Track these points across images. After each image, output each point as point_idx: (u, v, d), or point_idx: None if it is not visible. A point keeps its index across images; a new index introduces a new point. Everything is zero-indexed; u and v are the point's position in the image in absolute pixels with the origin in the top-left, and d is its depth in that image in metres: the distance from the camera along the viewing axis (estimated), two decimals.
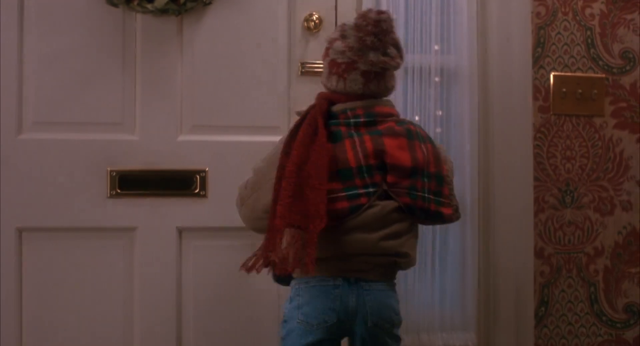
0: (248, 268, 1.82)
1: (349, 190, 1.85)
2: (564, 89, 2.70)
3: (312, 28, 2.44)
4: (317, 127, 1.87)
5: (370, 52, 1.89)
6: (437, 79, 2.56)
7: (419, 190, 1.89)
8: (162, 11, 2.31)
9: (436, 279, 2.58)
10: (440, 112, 2.56)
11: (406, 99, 2.53)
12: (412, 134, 1.93)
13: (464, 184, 2.57)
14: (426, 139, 1.96)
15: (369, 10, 1.94)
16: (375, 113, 1.92)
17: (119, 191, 2.34)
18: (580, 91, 2.72)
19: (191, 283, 2.41)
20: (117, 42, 2.36)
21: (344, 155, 1.86)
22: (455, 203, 1.99)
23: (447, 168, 1.97)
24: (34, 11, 2.33)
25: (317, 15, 2.43)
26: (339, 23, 2.38)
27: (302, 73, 2.41)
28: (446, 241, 2.59)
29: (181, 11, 2.33)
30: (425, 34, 2.57)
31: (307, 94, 2.21)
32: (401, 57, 1.95)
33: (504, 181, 2.62)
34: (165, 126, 2.37)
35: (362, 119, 1.91)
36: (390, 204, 1.88)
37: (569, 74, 2.71)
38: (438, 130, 2.58)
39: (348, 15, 2.37)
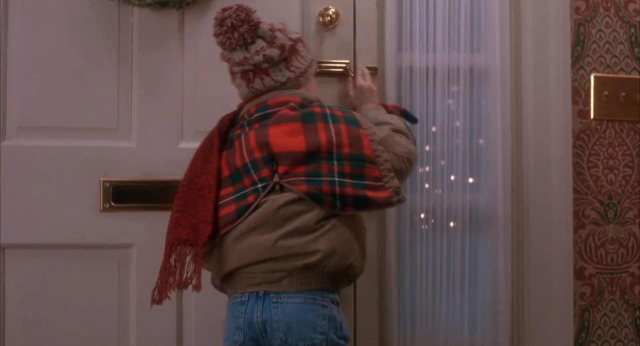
0: (156, 301, 1.83)
1: (238, 192, 1.81)
2: (606, 92, 2.56)
3: (327, 24, 2.31)
4: (213, 137, 1.89)
5: (234, 53, 1.90)
6: (465, 80, 2.43)
7: (325, 175, 1.78)
8: (162, 4, 2.21)
9: (465, 302, 2.44)
10: (468, 116, 2.43)
11: (430, 101, 2.40)
12: (314, 117, 1.85)
13: (495, 197, 2.44)
14: (340, 120, 1.85)
15: (218, 11, 1.91)
16: (268, 106, 1.89)
17: (112, 204, 2.22)
18: (623, 93, 2.58)
19: (193, 305, 2.27)
20: (112, 38, 2.24)
21: (233, 158, 1.85)
22: (393, 184, 1.82)
23: (390, 149, 1.86)
24: (20, 4, 2.22)
25: (333, 10, 2.31)
26: (358, 18, 2.30)
27: (317, 73, 2.20)
28: (476, 262, 2.45)
29: (182, 4, 2.22)
30: (452, 30, 2.42)
31: (323, 96, 2.10)
32: (273, 45, 1.89)
33: (539, 194, 2.48)
34: (165, 131, 2.25)
35: (254, 115, 1.89)
36: (283, 196, 1.78)
37: (611, 75, 2.57)
38: (460, 138, 2.44)
39: (368, 10, 2.33)
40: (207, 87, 2.27)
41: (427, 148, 2.38)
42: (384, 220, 2.37)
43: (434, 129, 2.39)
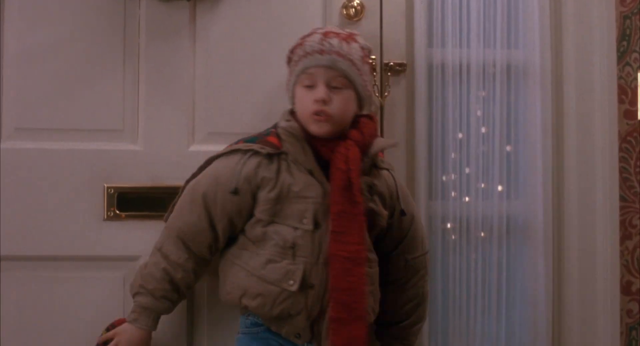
0: None
1: None
2: None
3: (352, 16, 2.18)
4: None
5: None
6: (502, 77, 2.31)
7: None
8: None
9: (502, 319, 2.32)
10: (505, 117, 2.31)
11: (464, 100, 2.29)
12: None
13: (534, 205, 2.32)
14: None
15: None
16: None
17: (117, 212, 2.10)
18: None
19: (205, 321, 2.13)
20: (117, 32, 2.13)
21: None
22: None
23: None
24: None
25: (358, 1, 2.18)
26: (385, 10, 2.21)
27: None
28: (513, 275, 2.34)
29: None
30: (487, 23, 2.30)
31: None
32: None
33: (582, 202, 2.35)
34: (175, 133, 2.13)
35: None
36: None
37: None
38: (496, 141, 2.32)
39: (395, 1, 2.23)
40: (221, 85, 2.15)
41: (454, 154, 2.27)
42: None
43: (461, 135, 2.28)
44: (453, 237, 2.27)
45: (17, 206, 2.07)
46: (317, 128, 1.79)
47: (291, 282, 1.76)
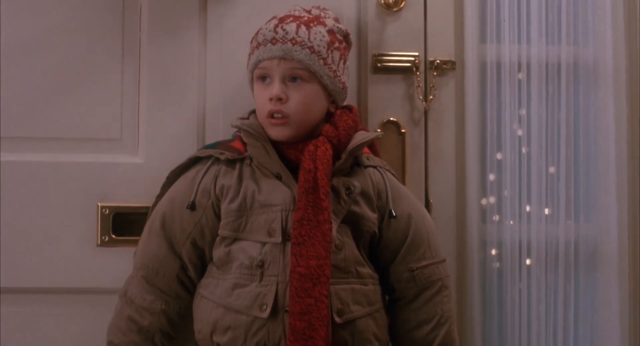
0: None
1: None
2: None
3: (390, 5, 2.01)
4: None
5: None
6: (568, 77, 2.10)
7: None
8: None
9: None
10: (571, 123, 2.11)
11: (523, 104, 2.09)
12: None
13: (606, 228, 2.11)
14: None
15: None
16: None
17: (113, 236, 1.94)
18: None
19: None
20: (115, 24, 1.98)
21: None
22: None
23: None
24: None
25: None
26: None
27: (377, 69, 2.00)
28: (583, 312, 2.13)
29: None
30: (551, 16, 2.09)
31: (384, 99, 1.97)
32: None
33: None
34: (182, 143, 1.97)
35: None
36: None
37: None
38: (562, 151, 2.09)
39: None
40: (235, 84, 1.99)
41: (511, 169, 2.05)
42: (464, 258, 2.05)
43: (525, 150, 2.08)
44: (512, 265, 2.06)
45: None
46: (275, 133, 1.64)
47: (264, 307, 1.57)
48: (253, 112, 1.72)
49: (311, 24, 1.64)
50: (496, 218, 2.03)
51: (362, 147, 1.69)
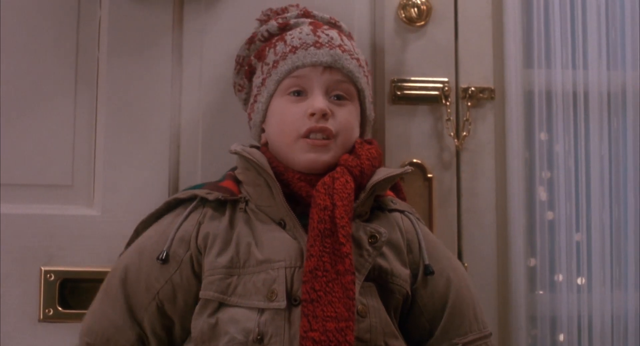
0: None
1: None
2: None
3: (413, 18, 1.79)
4: None
5: None
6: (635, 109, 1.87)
7: None
8: None
9: None
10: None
11: (580, 141, 1.86)
12: None
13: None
14: None
15: None
16: None
17: (60, 309, 1.68)
18: None
19: None
20: (67, 40, 1.73)
21: None
22: None
23: None
24: None
25: None
26: (462, 12, 1.82)
27: (397, 98, 1.75)
28: None
29: None
30: (611, 37, 1.87)
31: (405, 136, 1.76)
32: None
33: None
34: (149, 190, 1.73)
35: None
36: None
37: None
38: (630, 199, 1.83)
39: (477, 1, 1.84)
40: (219, 118, 1.77)
41: (566, 219, 1.78)
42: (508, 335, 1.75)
43: (574, 200, 1.81)
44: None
45: None
46: (310, 158, 1.40)
47: None
48: (253, 146, 1.49)
49: (347, 36, 1.47)
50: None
51: (388, 185, 1.45)
